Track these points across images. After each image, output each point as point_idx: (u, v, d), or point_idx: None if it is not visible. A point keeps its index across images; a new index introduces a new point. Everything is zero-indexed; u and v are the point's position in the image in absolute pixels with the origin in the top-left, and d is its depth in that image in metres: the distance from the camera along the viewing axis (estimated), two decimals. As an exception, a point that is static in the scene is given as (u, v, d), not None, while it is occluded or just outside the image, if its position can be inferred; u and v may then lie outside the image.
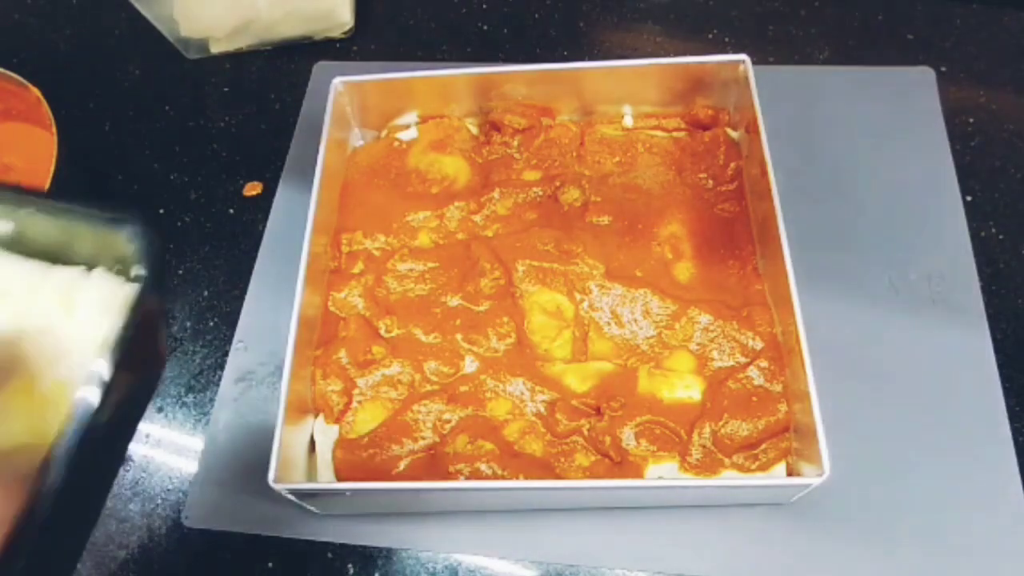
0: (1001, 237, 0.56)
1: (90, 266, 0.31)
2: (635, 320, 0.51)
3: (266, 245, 0.61)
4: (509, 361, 0.50)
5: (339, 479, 0.48)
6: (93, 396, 0.26)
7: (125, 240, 0.30)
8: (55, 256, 0.32)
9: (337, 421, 0.50)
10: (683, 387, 0.49)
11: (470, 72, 0.57)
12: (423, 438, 0.48)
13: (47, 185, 0.53)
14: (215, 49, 0.72)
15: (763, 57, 0.65)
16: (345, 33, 0.72)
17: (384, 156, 0.60)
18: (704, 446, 0.47)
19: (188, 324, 0.58)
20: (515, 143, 0.59)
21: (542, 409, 0.49)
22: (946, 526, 0.47)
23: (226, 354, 0.56)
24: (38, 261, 0.32)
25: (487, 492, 0.46)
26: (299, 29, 0.71)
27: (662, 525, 0.48)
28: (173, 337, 0.58)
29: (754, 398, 0.48)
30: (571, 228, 0.54)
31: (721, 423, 0.47)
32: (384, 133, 0.61)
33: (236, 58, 0.72)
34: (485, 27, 0.72)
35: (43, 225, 0.31)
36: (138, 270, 0.30)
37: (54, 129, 0.57)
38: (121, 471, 0.53)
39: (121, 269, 0.31)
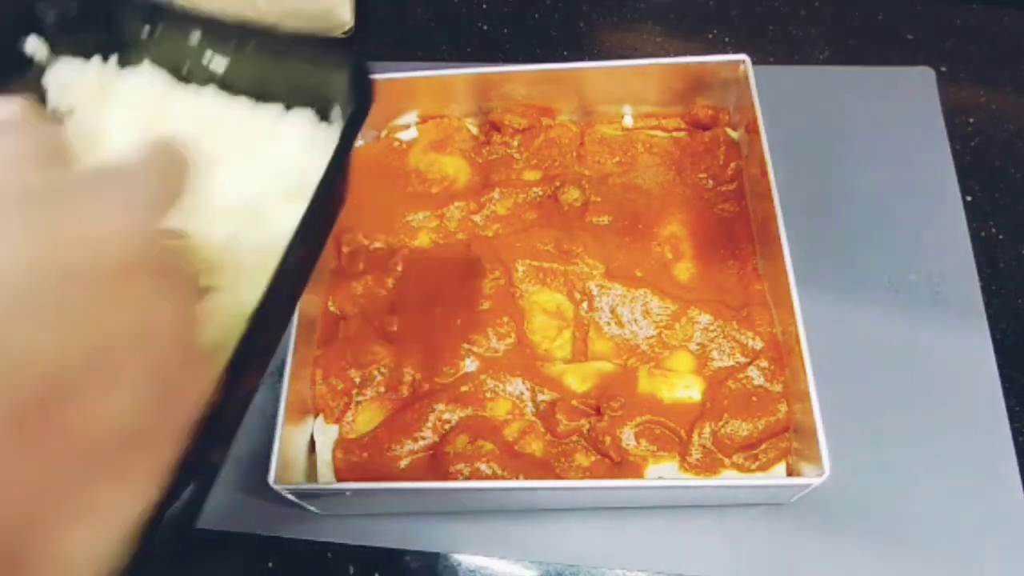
0: (1001, 237, 0.56)
1: (290, 105, 0.31)
2: (635, 320, 0.51)
3: (266, 245, 0.61)
4: (509, 361, 0.50)
5: (339, 479, 0.48)
6: (292, 230, 0.26)
7: (326, 80, 0.30)
8: (259, 95, 0.31)
9: (337, 421, 0.50)
10: (683, 387, 0.49)
11: (470, 72, 0.57)
12: (423, 438, 0.48)
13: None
14: (215, 49, 0.72)
15: (763, 57, 0.65)
16: (345, 33, 0.72)
17: (384, 156, 0.60)
18: (704, 446, 0.47)
19: (188, 324, 0.58)
20: (515, 143, 0.59)
21: (542, 409, 0.49)
22: (946, 526, 0.47)
23: (226, 354, 0.56)
24: (245, 98, 0.31)
25: (487, 492, 0.46)
26: (299, 29, 0.70)
27: (662, 525, 0.48)
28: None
29: (754, 398, 0.48)
30: (571, 228, 0.54)
31: (721, 423, 0.47)
32: (384, 133, 0.61)
33: (236, 58, 0.72)
34: (485, 27, 0.72)
35: (250, 63, 0.31)
36: (336, 112, 0.30)
37: (54, 129, 0.56)
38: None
39: (320, 109, 0.31)
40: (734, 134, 0.57)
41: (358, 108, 0.29)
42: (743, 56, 0.54)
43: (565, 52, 0.69)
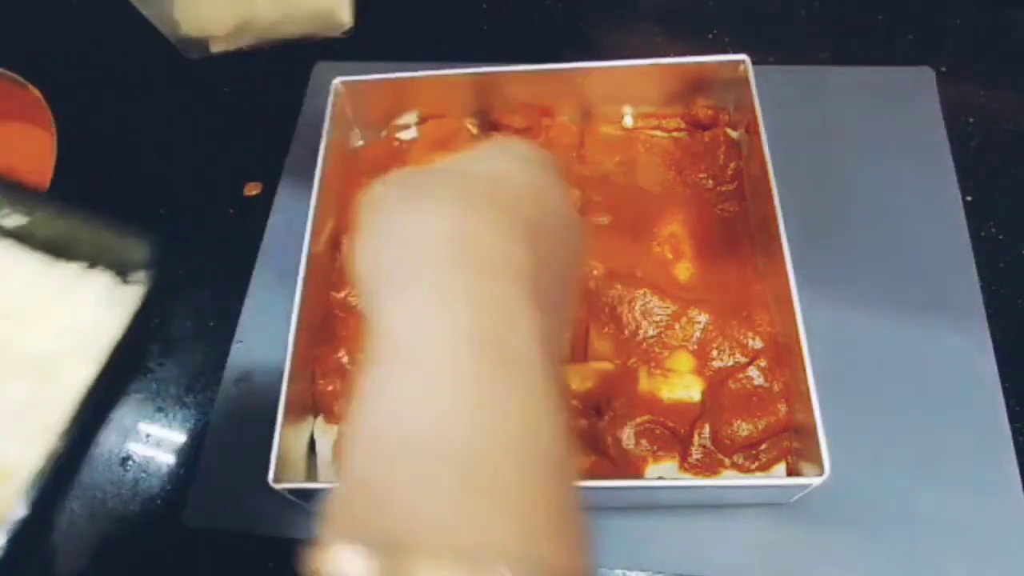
0: (1001, 237, 0.56)
1: (91, 264, 0.32)
2: (635, 320, 0.51)
3: (266, 245, 0.61)
4: (509, 361, 0.50)
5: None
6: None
7: (126, 245, 0.31)
8: (59, 252, 0.32)
9: (337, 421, 0.50)
10: (683, 387, 0.49)
11: (470, 72, 0.57)
12: (423, 438, 0.48)
13: (47, 185, 0.53)
14: (215, 49, 0.72)
15: (763, 57, 0.65)
16: (345, 33, 0.72)
17: (384, 156, 0.60)
18: (704, 446, 0.47)
19: (188, 324, 0.58)
20: (515, 143, 0.59)
21: (542, 409, 0.49)
22: (946, 526, 0.46)
23: (226, 354, 0.56)
24: (43, 255, 0.32)
25: (487, 492, 0.46)
26: (299, 29, 0.70)
27: (662, 525, 0.48)
28: (173, 337, 0.58)
29: (754, 398, 0.48)
30: (571, 228, 0.54)
31: (721, 423, 0.47)
32: (384, 133, 0.61)
33: (236, 58, 0.72)
34: (485, 27, 0.72)
35: (50, 222, 0.32)
36: (138, 275, 0.31)
37: (54, 129, 0.56)
38: (121, 471, 0.53)
39: (120, 270, 0.32)
40: (734, 134, 0.57)
41: (152, 278, 0.31)
42: (743, 56, 0.54)
43: (565, 52, 0.69)
